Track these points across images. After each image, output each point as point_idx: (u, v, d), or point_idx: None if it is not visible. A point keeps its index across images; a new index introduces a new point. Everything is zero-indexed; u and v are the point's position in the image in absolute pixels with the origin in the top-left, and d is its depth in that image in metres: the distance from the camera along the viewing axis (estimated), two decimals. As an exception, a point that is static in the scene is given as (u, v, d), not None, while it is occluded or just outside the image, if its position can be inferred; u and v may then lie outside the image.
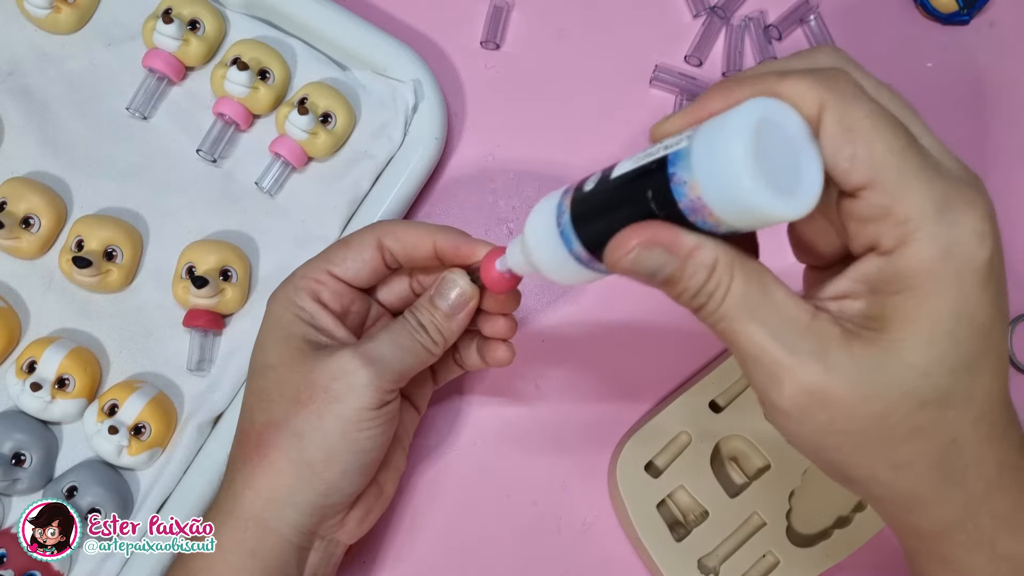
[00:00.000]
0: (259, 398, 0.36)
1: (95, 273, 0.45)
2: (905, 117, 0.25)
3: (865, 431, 0.24)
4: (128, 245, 0.46)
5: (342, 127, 0.47)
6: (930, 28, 0.54)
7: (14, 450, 0.43)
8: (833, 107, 0.23)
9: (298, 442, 0.34)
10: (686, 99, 0.52)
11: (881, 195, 0.23)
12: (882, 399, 0.24)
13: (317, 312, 0.36)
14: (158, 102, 0.49)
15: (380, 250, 0.37)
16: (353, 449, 0.35)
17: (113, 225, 0.46)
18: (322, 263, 0.37)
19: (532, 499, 0.48)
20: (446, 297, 0.36)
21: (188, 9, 0.47)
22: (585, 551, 0.47)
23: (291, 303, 0.36)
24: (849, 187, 0.24)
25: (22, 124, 0.48)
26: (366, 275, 0.37)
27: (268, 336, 0.37)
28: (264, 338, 0.37)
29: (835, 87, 0.24)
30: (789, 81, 0.24)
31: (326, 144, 0.47)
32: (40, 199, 0.46)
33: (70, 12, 0.49)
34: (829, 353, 0.24)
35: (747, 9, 0.54)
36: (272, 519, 0.35)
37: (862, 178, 0.23)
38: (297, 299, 0.36)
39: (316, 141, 0.47)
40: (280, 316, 0.36)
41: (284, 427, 0.35)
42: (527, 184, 0.51)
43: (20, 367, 0.44)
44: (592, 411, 0.48)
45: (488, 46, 0.53)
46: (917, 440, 0.25)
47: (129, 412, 0.43)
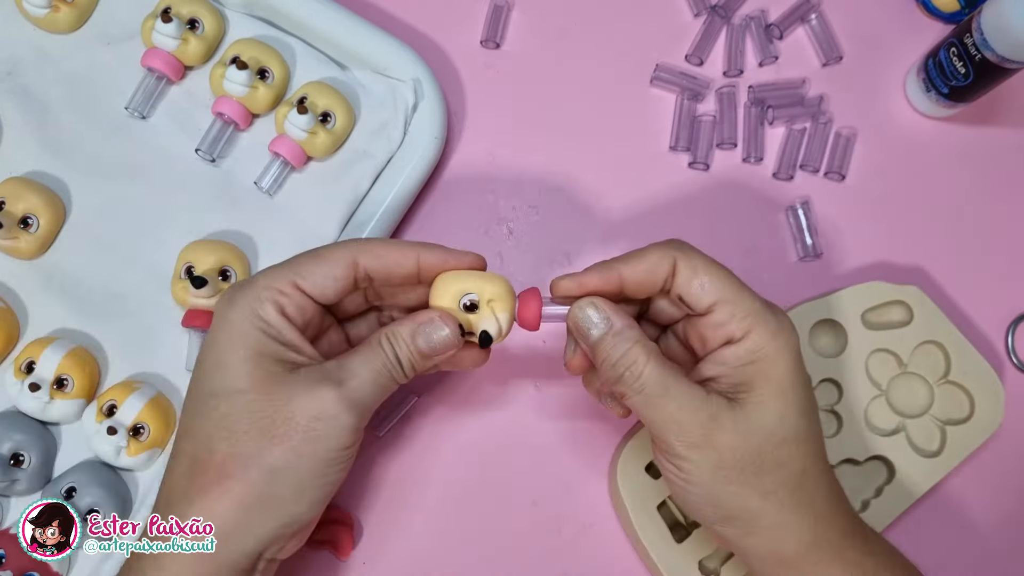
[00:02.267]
0: (221, 425, 0.33)
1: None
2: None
3: (743, 466, 0.34)
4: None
5: (341, 126, 0.47)
6: (931, 27, 0.54)
7: (13, 451, 0.43)
8: (682, 259, 0.35)
9: (270, 477, 0.33)
10: (687, 98, 0.52)
11: (727, 305, 0.34)
12: (755, 439, 0.34)
13: (283, 327, 0.34)
14: (157, 101, 0.49)
15: (353, 269, 0.36)
16: (324, 483, 0.34)
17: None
18: (289, 274, 0.35)
19: (532, 499, 0.48)
20: (430, 339, 0.35)
21: (187, 8, 0.47)
22: (586, 552, 0.47)
23: (255, 315, 0.34)
24: (702, 307, 0.35)
25: (21, 124, 0.48)
26: (333, 293, 0.36)
27: (230, 353, 0.34)
28: (224, 355, 0.34)
29: (680, 248, 0.35)
30: (649, 251, 0.35)
31: (325, 143, 0.47)
32: (39, 199, 0.46)
33: (69, 11, 0.48)
34: (720, 414, 0.34)
35: (748, 8, 0.54)
36: (227, 551, 0.33)
37: (712, 298, 0.34)
38: (262, 311, 0.34)
39: (315, 140, 0.46)
40: (244, 330, 0.34)
41: (253, 462, 0.33)
42: (527, 184, 0.51)
43: (19, 367, 0.44)
44: (593, 412, 0.48)
45: (488, 45, 0.53)
46: (779, 470, 0.34)
47: (128, 413, 0.43)
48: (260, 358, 0.34)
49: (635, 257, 0.36)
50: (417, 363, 0.36)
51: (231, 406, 0.33)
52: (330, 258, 0.36)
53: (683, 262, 0.35)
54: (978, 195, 0.52)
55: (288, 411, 0.33)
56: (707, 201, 0.51)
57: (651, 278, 0.35)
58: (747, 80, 0.53)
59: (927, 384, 0.48)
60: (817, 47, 0.53)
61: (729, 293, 0.34)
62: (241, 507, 0.33)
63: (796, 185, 0.52)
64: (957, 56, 0.47)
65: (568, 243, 0.50)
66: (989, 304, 0.51)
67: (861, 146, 0.52)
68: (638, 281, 0.35)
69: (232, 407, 0.33)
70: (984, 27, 0.45)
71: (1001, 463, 0.49)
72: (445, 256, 0.36)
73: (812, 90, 0.53)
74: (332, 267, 0.35)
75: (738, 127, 0.52)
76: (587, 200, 0.51)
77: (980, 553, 0.48)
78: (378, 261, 0.36)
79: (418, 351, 0.35)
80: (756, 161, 0.52)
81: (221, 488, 0.33)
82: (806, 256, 0.50)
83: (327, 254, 0.36)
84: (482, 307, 0.36)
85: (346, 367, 0.34)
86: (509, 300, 0.36)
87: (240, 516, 0.33)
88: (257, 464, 0.33)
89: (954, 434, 0.47)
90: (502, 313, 0.36)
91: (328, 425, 0.33)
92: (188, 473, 0.34)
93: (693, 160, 0.51)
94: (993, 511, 0.49)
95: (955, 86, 0.49)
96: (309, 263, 0.36)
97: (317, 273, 0.35)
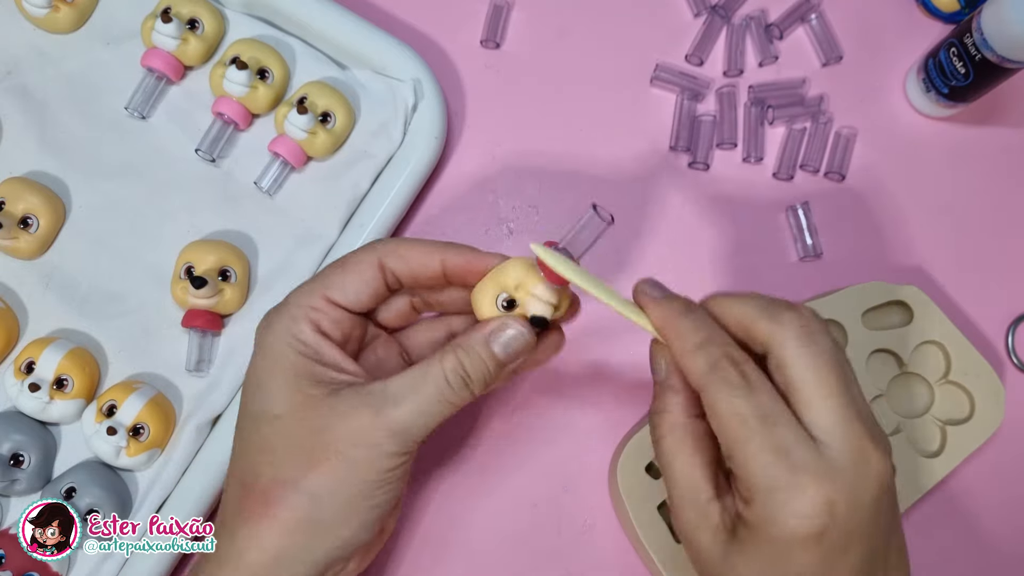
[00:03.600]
0: (262, 450, 0.33)
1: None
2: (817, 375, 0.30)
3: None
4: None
5: (341, 126, 0.47)
6: (931, 27, 0.54)
7: (12, 451, 0.43)
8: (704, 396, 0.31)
9: (312, 503, 0.32)
10: (687, 98, 0.52)
11: (734, 465, 0.30)
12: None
13: (321, 345, 0.34)
14: (157, 101, 0.49)
15: (382, 271, 0.35)
16: (370, 505, 0.33)
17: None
18: (319, 288, 0.34)
19: (532, 500, 0.47)
20: (507, 345, 0.33)
21: (187, 8, 0.47)
22: (586, 552, 0.47)
23: (290, 336, 0.33)
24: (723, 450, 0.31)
25: (21, 124, 0.48)
26: (367, 300, 0.35)
27: (269, 377, 0.33)
28: (263, 379, 0.34)
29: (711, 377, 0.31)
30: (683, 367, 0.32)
31: (325, 144, 0.47)
32: (38, 199, 0.46)
33: (69, 11, 0.48)
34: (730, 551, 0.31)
35: (748, 8, 0.54)
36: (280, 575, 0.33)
37: (724, 451, 0.31)
38: (297, 331, 0.33)
39: (315, 140, 0.46)
40: (280, 352, 0.33)
41: (295, 486, 0.32)
42: (527, 184, 0.51)
43: (18, 367, 0.44)
44: (593, 412, 0.48)
45: (488, 45, 0.52)
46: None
47: (128, 413, 0.43)
48: (298, 381, 0.33)
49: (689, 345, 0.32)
50: (491, 374, 0.34)
51: (270, 431, 0.33)
52: (356, 265, 0.35)
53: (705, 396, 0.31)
54: (978, 195, 0.52)
55: (327, 437, 0.32)
56: (707, 201, 0.51)
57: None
58: (747, 80, 0.53)
59: (927, 384, 0.48)
60: (817, 47, 0.53)
61: (739, 451, 0.30)
62: (287, 533, 0.32)
63: (796, 185, 0.52)
64: (957, 56, 0.47)
65: (568, 243, 0.50)
66: (989, 304, 0.51)
67: (861, 146, 0.52)
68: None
69: (271, 432, 0.33)
70: (984, 27, 0.45)
71: (1002, 463, 0.49)
72: (469, 258, 0.35)
73: (812, 90, 0.53)
74: (359, 274, 0.35)
75: (738, 127, 0.52)
76: (587, 200, 0.51)
77: (981, 553, 0.48)
78: (402, 263, 0.35)
79: (495, 360, 0.33)
80: (756, 161, 0.52)
81: (266, 514, 0.32)
82: (806, 256, 0.50)
83: (352, 261, 0.35)
84: (518, 297, 0.34)
85: (391, 391, 0.33)
86: (534, 276, 0.34)
87: (287, 542, 0.32)
88: (299, 490, 0.32)
89: (954, 434, 0.47)
90: (537, 288, 0.33)
91: (368, 452, 0.32)
92: (237, 497, 0.34)
93: (693, 160, 0.51)
94: (994, 511, 0.49)
95: (955, 86, 0.49)
96: (336, 274, 0.35)
97: (346, 282, 0.34)
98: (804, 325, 0.31)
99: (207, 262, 0.45)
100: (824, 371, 0.30)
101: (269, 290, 0.47)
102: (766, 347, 0.31)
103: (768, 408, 0.30)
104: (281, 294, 0.46)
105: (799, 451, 0.29)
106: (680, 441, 0.32)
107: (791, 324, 0.31)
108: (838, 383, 0.30)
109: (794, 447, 0.29)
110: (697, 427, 0.33)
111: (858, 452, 0.29)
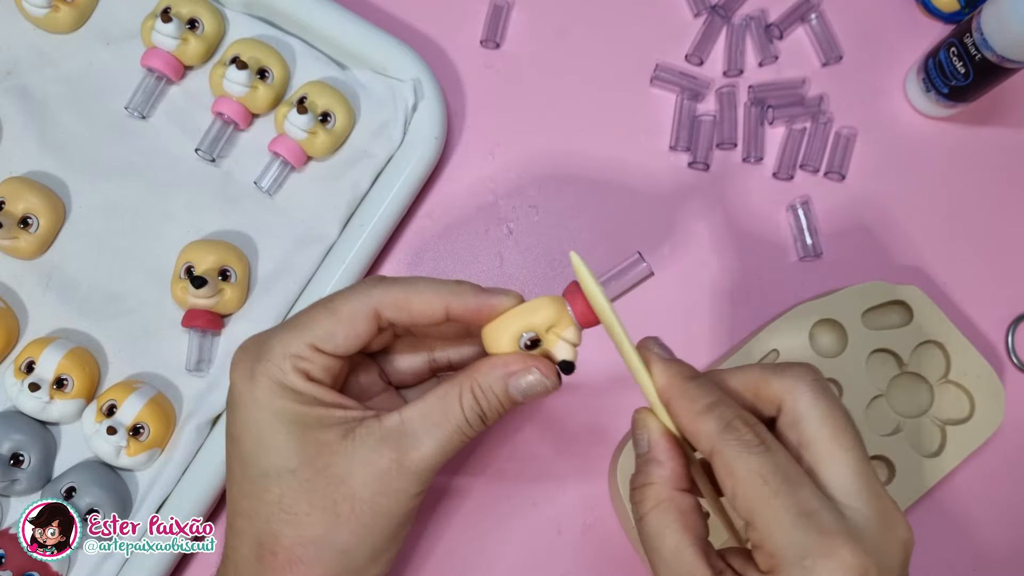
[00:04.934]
0: (280, 509, 0.31)
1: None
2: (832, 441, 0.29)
3: None
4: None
5: (341, 126, 0.47)
6: (931, 27, 0.54)
7: (12, 450, 0.43)
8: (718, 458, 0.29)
9: (343, 557, 0.31)
10: (687, 98, 0.52)
11: (755, 532, 0.28)
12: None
13: (315, 391, 0.32)
14: (157, 101, 0.49)
15: (375, 321, 0.33)
16: (395, 543, 0.33)
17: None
18: (305, 336, 0.32)
19: (532, 500, 0.47)
20: (529, 389, 0.32)
21: (187, 8, 0.47)
22: (585, 552, 0.47)
23: (283, 389, 0.32)
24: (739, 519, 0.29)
25: (21, 123, 0.48)
26: (356, 346, 0.33)
27: (271, 432, 0.31)
28: (264, 434, 0.32)
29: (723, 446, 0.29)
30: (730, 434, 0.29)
31: (325, 143, 0.47)
32: (38, 199, 0.46)
33: (69, 11, 0.48)
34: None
35: (748, 8, 0.53)
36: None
37: (744, 516, 0.29)
38: (288, 383, 0.32)
39: (315, 140, 0.46)
40: (277, 407, 0.31)
41: (323, 545, 0.31)
42: (527, 183, 0.51)
43: (18, 367, 0.44)
44: (593, 411, 0.48)
45: (488, 45, 0.52)
46: None
47: (128, 412, 0.43)
48: (305, 431, 0.31)
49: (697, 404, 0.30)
50: (504, 411, 0.33)
51: (286, 488, 0.31)
52: (349, 314, 0.32)
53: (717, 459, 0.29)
54: (978, 195, 0.52)
55: (348, 488, 0.31)
56: (707, 201, 0.51)
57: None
58: (747, 80, 0.53)
59: (927, 384, 0.48)
60: (817, 47, 0.53)
61: (760, 512, 0.28)
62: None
63: (796, 185, 0.52)
64: (957, 56, 0.47)
65: (568, 243, 0.50)
66: (989, 304, 0.51)
67: (861, 146, 0.52)
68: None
69: (287, 489, 0.31)
70: (984, 27, 0.45)
71: (1001, 463, 0.49)
72: (477, 303, 0.32)
73: (812, 90, 0.53)
74: (352, 325, 0.32)
75: (738, 127, 0.52)
76: (587, 200, 0.51)
77: (980, 553, 0.48)
78: (403, 314, 0.33)
79: (511, 402, 0.32)
80: (756, 161, 0.52)
81: (296, 573, 0.31)
82: (806, 256, 0.50)
83: (344, 309, 0.32)
84: (545, 338, 0.32)
85: (410, 428, 0.32)
86: (566, 319, 0.32)
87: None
88: (328, 547, 0.31)
89: (954, 434, 0.47)
90: (568, 332, 0.32)
91: (394, 499, 0.31)
92: (255, 556, 0.32)
93: (693, 160, 0.51)
94: (993, 511, 0.49)
95: (955, 86, 0.49)
96: (324, 320, 0.32)
97: (335, 332, 0.32)
98: (816, 379, 0.30)
99: (207, 262, 0.45)
100: (840, 425, 0.29)
101: (269, 290, 0.47)
102: (779, 403, 0.30)
103: (788, 468, 0.28)
104: (281, 294, 0.46)
105: (826, 514, 0.27)
106: (667, 515, 0.30)
107: (803, 377, 0.30)
108: (853, 439, 0.29)
109: (820, 510, 0.27)
110: (684, 501, 0.30)
111: (884, 516, 0.28)
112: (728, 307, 0.50)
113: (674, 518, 0.30)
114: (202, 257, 0.45)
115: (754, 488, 0.28)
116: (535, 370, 0.32)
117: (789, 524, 0.27)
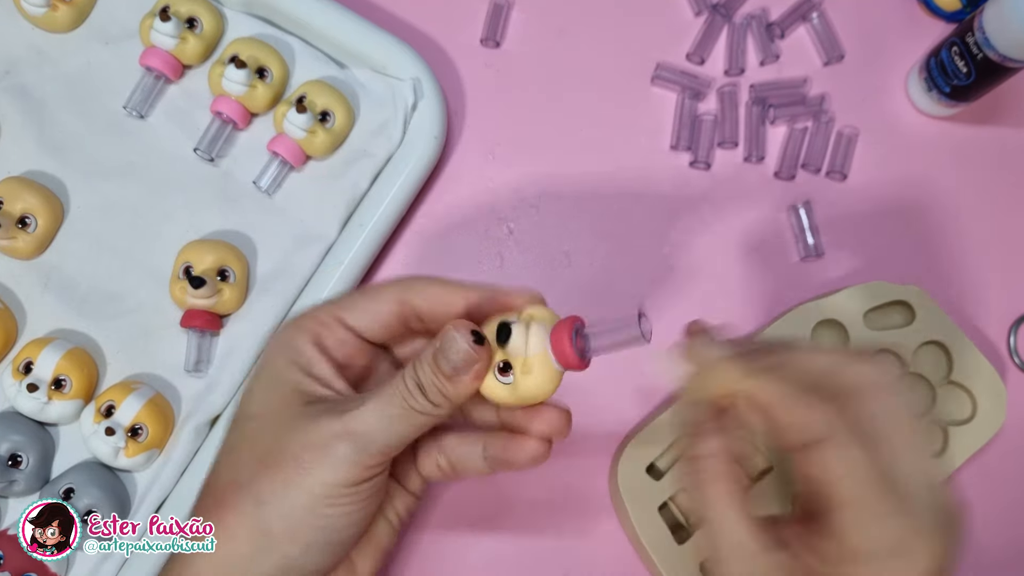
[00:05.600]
0: (230, 450, 0.33)
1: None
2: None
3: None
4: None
5: (341, 126, 0.47)
6: (933, 26, 0.54)
7: (11, 451, 0.43)
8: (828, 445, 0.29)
9: (258, 509, 0.31)
10: (688, 97, 0.51)
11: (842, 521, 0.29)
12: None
13: (315, 358, 0.33)
14: (155, 101, 0.48)
15: (401, 306, 0.34)
16: (320, 525, 0.31)
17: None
18: (334, 307, 0.34)
19: (532, 501, 0.47)
20: (448, 356, 0.31)
21: (186, 7, 0.47)
22: (586, 553, 0.47)
23: (288, 346, 0.33)
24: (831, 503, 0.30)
25: (19, 123, 0.48)
26: (379, 329, 0.34)
27: (256, 380, 0.34)
28: (253, 381, 0.34)
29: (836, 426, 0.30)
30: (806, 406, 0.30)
31: (325, 143, 0.47)
32: (37, 199, 0.46)
33: (67, 10, 0.48)
34: None
35: (749, 7, 0.53)
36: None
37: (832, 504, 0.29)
38: (296, 342, 0.33)
39: (314, 140, 0.46)
40: (274, 360, 0.33)
41: (246, 490, 0.31)
42: (527, 183, 0.51)
43: (16, 368, 0.44)
44: (594, 412, 0.48)
45: (488, 44, 0.52)
46: None
47: (126, 413, 0.43)
48: (278, 385, 0.32)
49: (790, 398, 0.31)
50: (445, 388, 0.31)
51: (239, 433, 0.33)
52: (376, 294, 0.34)
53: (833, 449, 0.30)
54: (980, 194, 0.52)
55: (284, 442, 0.31)
56: (708, 201, 0.51)
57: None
58: (748, 79, 0.52)
59: (929, 385, 0.47)
60: (819, 46, 0.53)
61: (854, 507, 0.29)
62: (235, 540, 0.31)
63: (797, 184, 0.52)
64: (959, 55, 0.47)
65: (568, 243, 0.50)
66: (991, 304, 0.51)
67: (863, 145, 0.52)
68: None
69: (240, 434, 0.33)
70: (986, 26, 0.44)
71: (1003, 464, 0.49)
72: (492, 294, 0.33)
73: (813, 89, 0.53)
74: (380, 303, 0.34)
75: (739, 126, 0.52)
76: (587, 199, 0.51)
77: (982, 553, 0.48)
78: (427, 302, 0.33)
79: (441, 373, 0.31)
80: (757, 160, 0.51)
81: (217, 517, 0.31)
82: (808, 256, 0.50)
83: (374, 290, 0.34)
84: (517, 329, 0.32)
85: (359, 398, 0.32)
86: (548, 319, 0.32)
87: (234, 550, 0.31)
88: (248, 493, 0.31)
89: (956, 435, 0.46)
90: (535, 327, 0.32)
91: (319, 455, 0.30)
92: (200, 499, 0.33)
93: (694, 159, 0.51)
94: (995, 512, 0.49)
95: (957, 85, 0.48)
96: (356, 297, 0.34)
97: (364, 308, 0.34)
98: (888, 371, 0.31)
99: (206, 262, 0.45)
100: (908, 422, 0.30)
101: (268, 290, 0.46)
102: (856, 391, 0.31)
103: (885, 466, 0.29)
104: (280, 294, 0.46)
105: (915, 513, 0.29)
106: (727, 488, 0.31)
107: (879, 372, 0.31)
108: (918, 438, 0.30)
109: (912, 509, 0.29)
110: (739, 474, 0.32)
111: (949, 516, 0.29)
112: (729, 307, 0.50)
113: (734, 491, 0.31)
114: (201, 257, 0.45)
115: (849, 487, 0.29)
116: (456, 334, 0.31)
117: (886, 524, 0.28)
